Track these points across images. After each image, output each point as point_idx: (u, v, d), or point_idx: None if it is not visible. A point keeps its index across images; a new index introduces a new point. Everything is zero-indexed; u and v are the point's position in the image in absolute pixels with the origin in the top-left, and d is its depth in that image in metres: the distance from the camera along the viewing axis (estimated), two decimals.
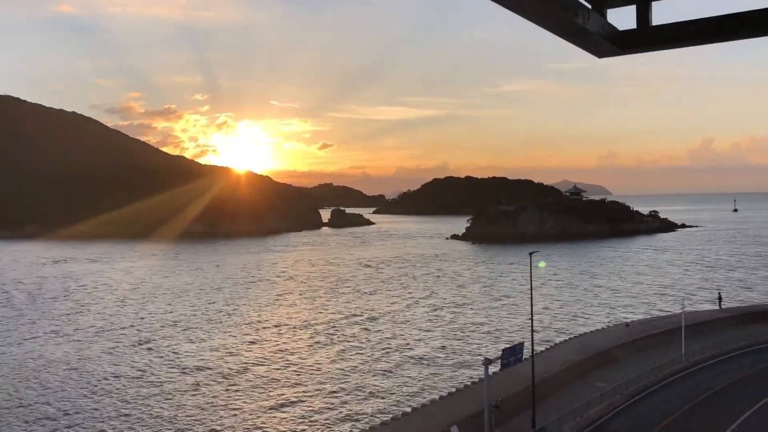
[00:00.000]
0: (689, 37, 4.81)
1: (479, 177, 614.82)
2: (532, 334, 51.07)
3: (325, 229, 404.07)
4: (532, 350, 49.71)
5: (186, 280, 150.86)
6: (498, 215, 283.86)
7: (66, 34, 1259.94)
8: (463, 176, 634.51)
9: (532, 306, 51.26)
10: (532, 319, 51.62)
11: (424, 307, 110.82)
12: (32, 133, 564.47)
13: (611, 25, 4.94)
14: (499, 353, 44.61)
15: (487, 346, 79.96)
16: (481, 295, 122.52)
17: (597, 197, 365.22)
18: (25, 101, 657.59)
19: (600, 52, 5.01)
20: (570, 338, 73.71)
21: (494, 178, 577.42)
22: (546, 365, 55.86)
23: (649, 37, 4.93)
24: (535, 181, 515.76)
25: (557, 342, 72.29)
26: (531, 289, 53.08)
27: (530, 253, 51.14)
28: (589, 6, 4.55)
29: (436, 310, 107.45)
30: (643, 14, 4.94)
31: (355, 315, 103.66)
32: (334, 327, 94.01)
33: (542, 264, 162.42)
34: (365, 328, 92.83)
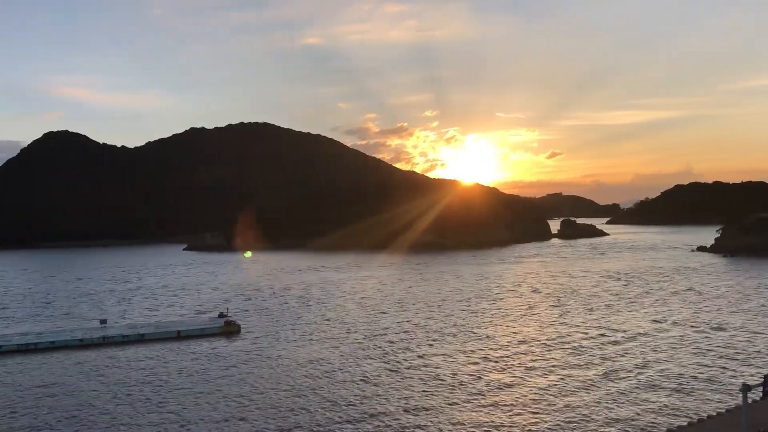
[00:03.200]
0: None
1: (729, 182, 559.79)
2: None
3: (554, 240, 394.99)
4: None
5: (423, 290, 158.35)
6: (755, 224, 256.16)
7: (312, 63, 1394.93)
8: (710, 181, 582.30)
9: None
10: None
11: (671, 324, 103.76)
12: (286, 155, 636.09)
13: None
14: (761, 379, 41.00)
15: (745, 371, 72.75)
16: (737, 314, 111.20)
17: None
18: (279, 126, 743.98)
19: None
20: None
21: (748, 182, 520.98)
22: None
23: None
24: None
25: None
26: None
27: None
28: None
29: (684, 328, 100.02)
30: None
31: (594, 332, 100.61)
32: (572, 343, 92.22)
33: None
34: (605, 346, 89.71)
